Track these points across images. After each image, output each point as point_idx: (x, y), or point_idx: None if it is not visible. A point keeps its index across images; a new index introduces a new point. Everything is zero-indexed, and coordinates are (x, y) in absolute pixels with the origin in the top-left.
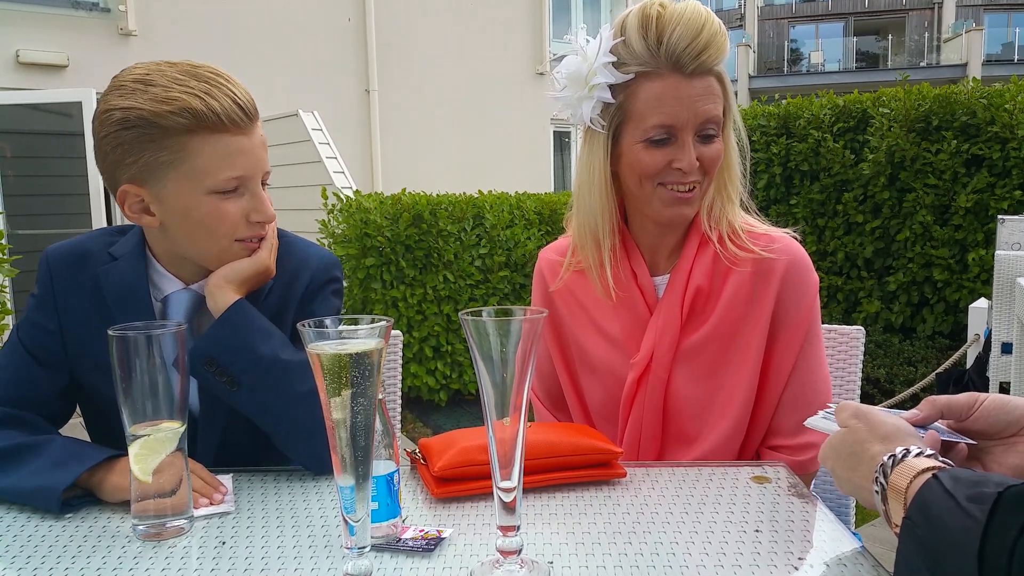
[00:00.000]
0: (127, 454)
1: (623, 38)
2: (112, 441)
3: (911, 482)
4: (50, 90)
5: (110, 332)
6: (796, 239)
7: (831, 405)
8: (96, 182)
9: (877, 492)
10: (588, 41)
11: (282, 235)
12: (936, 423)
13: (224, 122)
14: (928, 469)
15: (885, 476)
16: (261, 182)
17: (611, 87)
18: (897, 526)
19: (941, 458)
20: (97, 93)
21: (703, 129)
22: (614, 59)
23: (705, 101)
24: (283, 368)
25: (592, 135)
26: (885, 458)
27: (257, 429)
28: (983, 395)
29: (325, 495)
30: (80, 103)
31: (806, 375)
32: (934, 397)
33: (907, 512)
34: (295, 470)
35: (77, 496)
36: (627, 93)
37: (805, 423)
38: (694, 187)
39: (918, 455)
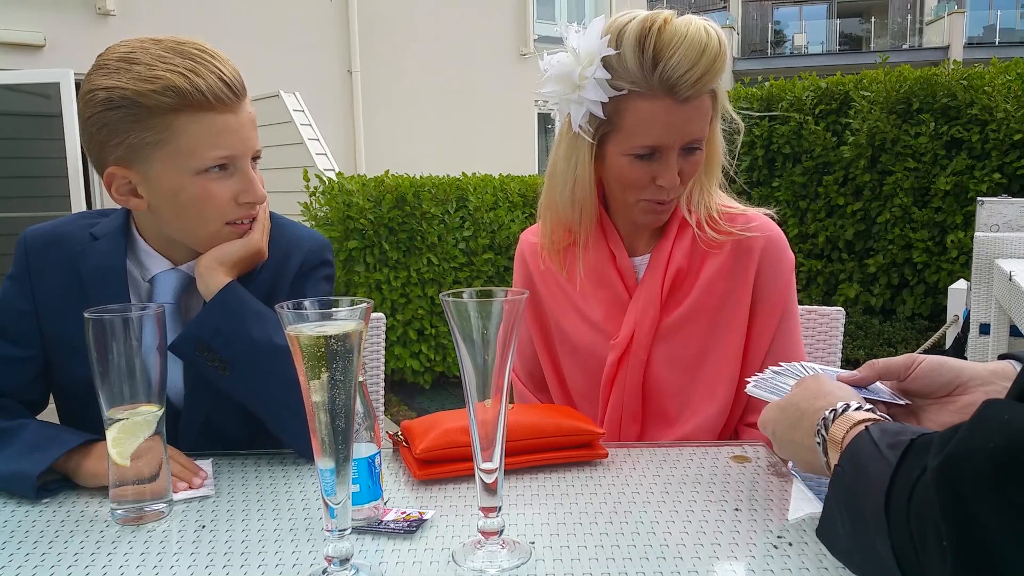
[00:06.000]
0: (104, 438)
1: (618, 51)
2: (83, 426)
3: (847, 433)
4: (27, 70)
5: (86, 314)
6: (772, 218)
7: (760, 373)
8: (75, 164)
9: (819, 444)
10: (579, 33)
11: (272, 217)
12: (876, 383)
13: (209, 100)
14: (863, 421)
15: (826, 428)
16: (251, 161)
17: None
18: None
19: (877, 412)
20: (76, 74)
21: (688, 145)
22: (608, 76)
23: (695, 123)
24: (277, 352)
25: (576, 134)
26: (827, 412)
27: (243, 413)
28: (920, 357)
29: (306, 478)
30: (58, 84)
31: (782, 352)
32: (874, 360)
33: (839, 460)
34: (276, 453)
35: (54, 481)
36: (617, 107)
37: (747, 390)
38: (672, 197)
39: (857, 409)
